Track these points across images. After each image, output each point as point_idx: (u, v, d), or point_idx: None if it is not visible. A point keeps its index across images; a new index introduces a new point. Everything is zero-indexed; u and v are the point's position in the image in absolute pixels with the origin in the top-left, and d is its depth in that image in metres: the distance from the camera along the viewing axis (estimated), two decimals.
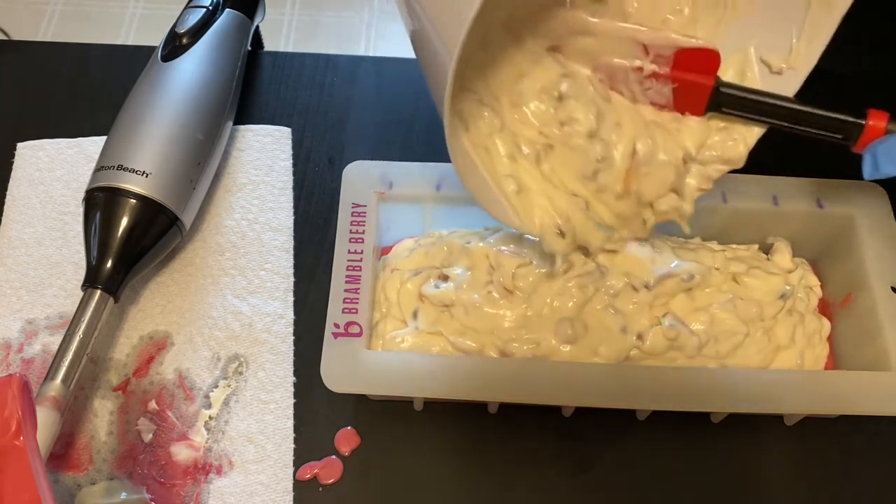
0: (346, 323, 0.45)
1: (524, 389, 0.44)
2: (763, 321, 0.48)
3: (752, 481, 0.47)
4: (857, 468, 0.48)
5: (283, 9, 1.57)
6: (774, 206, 0.50)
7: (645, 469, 0.47)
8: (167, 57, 0.55)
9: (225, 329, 0.51)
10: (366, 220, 0.49)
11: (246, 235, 0.55)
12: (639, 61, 0.44)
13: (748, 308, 0.48)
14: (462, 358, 0.46)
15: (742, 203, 0.50)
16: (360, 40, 1.54)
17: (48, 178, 0.57)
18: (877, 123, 0.42)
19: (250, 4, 0.61)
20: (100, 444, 0.47)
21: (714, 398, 0.44)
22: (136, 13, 1.57)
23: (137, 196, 0.49)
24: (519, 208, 0.43)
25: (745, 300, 0.48)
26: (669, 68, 0.44)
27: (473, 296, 0.47)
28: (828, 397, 0.44)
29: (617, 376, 0.44)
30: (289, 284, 0.53)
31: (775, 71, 0.44)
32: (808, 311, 0.49)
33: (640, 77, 0.44)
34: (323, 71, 0.63)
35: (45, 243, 0.54)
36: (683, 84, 0.44)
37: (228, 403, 0.49)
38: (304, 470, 0.47)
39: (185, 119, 0.52)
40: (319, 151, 0.59)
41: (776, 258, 0.50)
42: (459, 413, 0.48)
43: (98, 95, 0.61)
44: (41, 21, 1.55)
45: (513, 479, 0.47)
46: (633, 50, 0.43)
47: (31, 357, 0.50)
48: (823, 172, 0.51)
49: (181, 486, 0.46)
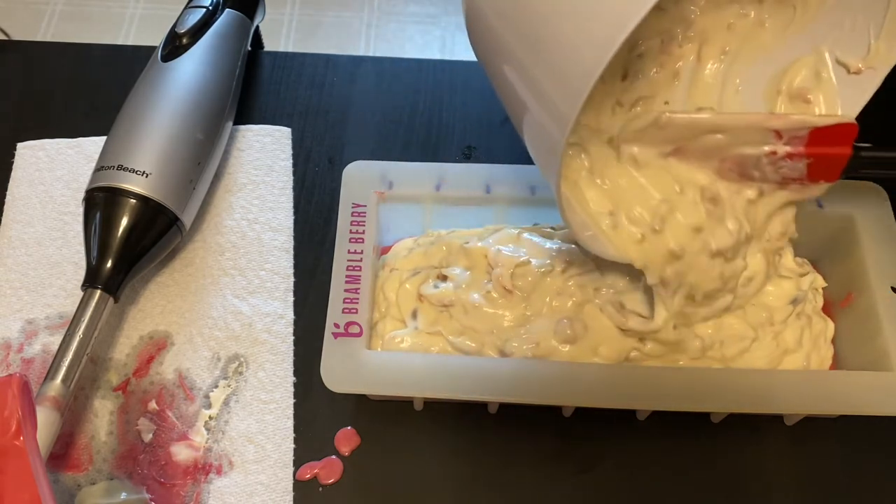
0: (346, 323, 0.45)
1: (524, 389, 0.44)
2: (773, 325, 0.47)
3: (752, 481, 0.47)
4: (857, 468, 0.48)
5: (283, 9, 1.57)
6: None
7: (645, 469, 0.47)
8: (167, 57, 0.55)
9: (225, 329, 0.51)
10: (366, 220, 0.49)
11: (246, 235, 0.55)
12: (771, 146, 0.42)
13: (758, 313, 0.47)
14: (462, 358, 0.46)
15: None
16: (360, 40, 1.54)
17: (48, 178, 0.57)
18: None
19: (250, 4, 0.61)
20: (100, 444, 0.47)
21: (714, 398, 0.44)
22: (136, 13, 1.57)
23: (137, 196, 0.49)
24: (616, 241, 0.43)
25: (755, 305, 0.47)
26: (804, 146, 0.42)
27: (473, 295, 0.47)
28: (828, 397, 0.44)
29: (617, 376, 0.44)
30: (289, 284, 0.53)
31: (853, 72, 0.43)
32: (814, 314, 0.49)
33: (774, 160, 0.42)
34: (323, 71, 0.63)
35: (45, 243, 0.54)
36: (819, 159, 0.42)
37: (228, 403, 0.49)
38: (304, 470, 0.47)
39: (185, 119, 0.52)
40: (319, 151, 0.59)
41: (784, 261, 0.50)
42: (459, 413, 0.48)
43: (98, 95, 0.61)
44: (41, 21, 1.55)
45: (513, 479, 0.47)
46: (765, 137, 0.42)
47: (31, 357, 0.50)
48: None
49: (181, 486, 0.46)
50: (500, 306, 0.47)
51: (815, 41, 0.44)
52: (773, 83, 0.45)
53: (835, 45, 0.44)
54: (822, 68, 0.44)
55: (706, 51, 0.46)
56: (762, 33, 0.45)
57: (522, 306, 0.47)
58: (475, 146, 0.59)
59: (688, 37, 0.45)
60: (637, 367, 0.46)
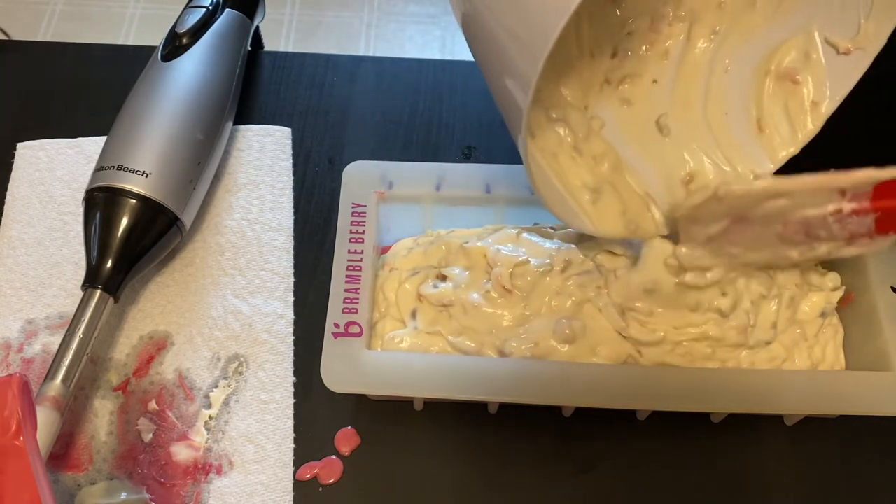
0: (346, 323, 0.45)
1: (524, 389, 0.44)
2: (806, 340, 0.47)
3: (752, 481, 0.47)
4: (857, 468, 0.48)
5: (283, 9, 1.57)
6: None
7: (645, 469, 0.47)
8: (167, 57, 0.55)
9: (225, 329, 0.51)
10: (366, 220, 0.49)
11: (246, 235, 0.55)
12: (835, 204, 0.40)
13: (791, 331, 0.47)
14: (462, 358, 0.46)
15: None
16: (360, 40, 1.54)
17: (48, 178, 0.57)
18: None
19: (250, 4, 0.61)
20: (100, 444, 0.47)
21: (714, 398, 0.44)
22: (136, 13, 1.57)
23: (137, 196, 0.49)
24: (594, 217, 0.43)
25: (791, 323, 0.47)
26: (869, 201, 0.40)
27: (472, 295, 0.47)
28: (828, 397, 0.44)
29: (617, 376, 0.44)
30: (289, 284, 0.53)
31: (842, 52, 0.43)
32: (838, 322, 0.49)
33: (840, 217, 0.41)
34: (323, 71, 0.63)
35: (45, 243, 0.54)
36: (887, 212, 0.40)
37: (228, 403, 0.49)
38: (304, 470, 0.47)
39: (185, 119, 0.52)
40: (319, 151, 0.59)
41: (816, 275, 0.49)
42: (459, 413, 0.48)
43: (98, 95, 0.61)
44: (41, 21, 1.55)
45: (513, 479, 0.47)
46: (829, 196, 0.40)
47: (31, 357, 0.50)
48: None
49: (181, 486, 0.46)
50: (499, 306, 0.47)
51: (805, 22, 0.44)
52: (763, 64, 0.45)
53: (824, 25, 0.43)
54: (811, 49, 0.44)
55: (696, 30, 0.46)
56: (753, 13, 0.45)
57: (521, 306, 0.47)
58: (475, 146, 0.59)
59: (678, 16, 0.45)
60: (637, 367, 0.46)
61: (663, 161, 0.46)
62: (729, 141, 0.46)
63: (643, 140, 0.46)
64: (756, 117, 0.46)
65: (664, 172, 0.46)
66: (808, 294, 0.48)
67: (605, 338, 0.46)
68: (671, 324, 0.45)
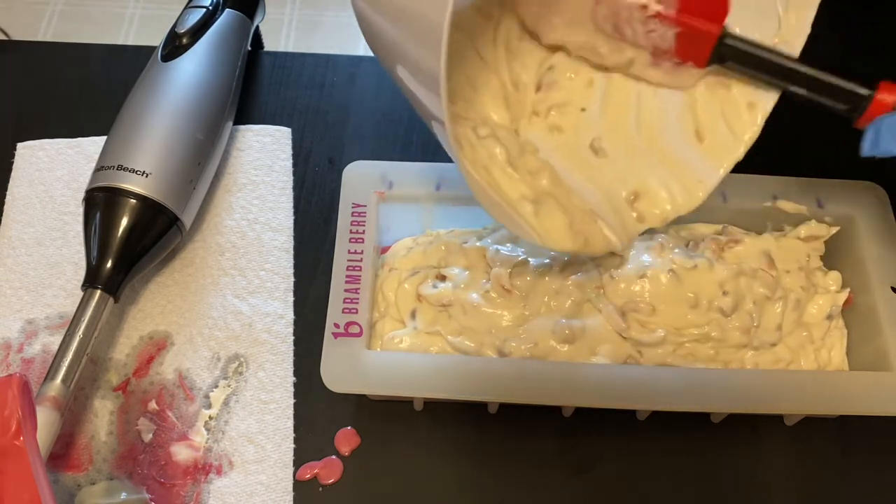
0: (346, 323, 0.45)
1: (524, 389, 0.44)
2: (813, 343, 0.47)
3: (752, 481, 0.47)
4: (857, 468, 0.48)
5: (283, 9, 1.57)
6: (774, 206, 0.50)
7: (645, 469, 0.47)
8: (167, 57, 0.55)
9: (225, 329, 0.51)
10: (366, 220, 0.49)
11: (246, 235, 0.55)
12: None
13: (798, 334, 0.47)
14: (462, 358, 0.46)
15: (742, 203, 0.50)
16: (360, 40, 1.53)
17: (48, 178, 0.57)
18: (886, 97, 0.39)
19: (250, 4, 0.61)
20: (100, 444, 0.47)
21: (714, 398, 0.44)
22: (136, 13, 1.57)
23: (137, 196, 0.49)
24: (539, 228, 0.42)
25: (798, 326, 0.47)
26: (675, 11, 0.42)
27: (471, 295, 0.47)
28: (828, 397, 0.44)
29: (617, 376, 0.44)
30: (289, 284, 0.53)
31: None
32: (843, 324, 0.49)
33: (644, 17, 0.42)
34: (323, 71, 0.63)
35: (45, 243, 0.54)
36: (688, 29, 0.42)
37: (228, 403, 0.49)
38: (304, 470, 0.47)
39: (185, 119, 0.52)
40: (319, 151, 0.59)
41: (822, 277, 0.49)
42: (459, 413, 0.48)
43: (98, 95, 0.61)
44: (41, 21, 1.55)
45: (513, 479, 0.47)
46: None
47: (31, 357, 0.50)
48: (823, 172, 0.51)
49: (181, 486, 0.46)
50: (498, 306, 0.47)
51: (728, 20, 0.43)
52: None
53: (745, 25, 0.43)
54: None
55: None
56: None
57: (521, 306, 0.47)
58: None
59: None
60: (637, 367, 0.46)
61: (602, 181, 0.46)
62: (670, 156, 0.46)
63: (579, 163, 0.46)
64: (694, 129, 0.45)
65: (605, 191, 0.46)
66: (815, 296, 0.48)
67: (605, 338, 0.46)
68: (673, 324, 0.45)
